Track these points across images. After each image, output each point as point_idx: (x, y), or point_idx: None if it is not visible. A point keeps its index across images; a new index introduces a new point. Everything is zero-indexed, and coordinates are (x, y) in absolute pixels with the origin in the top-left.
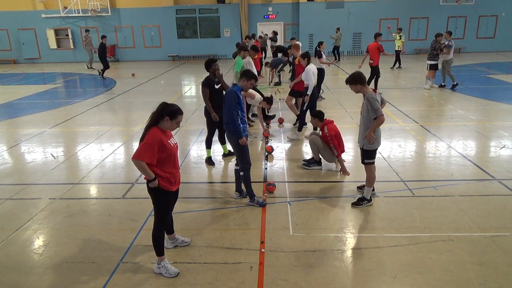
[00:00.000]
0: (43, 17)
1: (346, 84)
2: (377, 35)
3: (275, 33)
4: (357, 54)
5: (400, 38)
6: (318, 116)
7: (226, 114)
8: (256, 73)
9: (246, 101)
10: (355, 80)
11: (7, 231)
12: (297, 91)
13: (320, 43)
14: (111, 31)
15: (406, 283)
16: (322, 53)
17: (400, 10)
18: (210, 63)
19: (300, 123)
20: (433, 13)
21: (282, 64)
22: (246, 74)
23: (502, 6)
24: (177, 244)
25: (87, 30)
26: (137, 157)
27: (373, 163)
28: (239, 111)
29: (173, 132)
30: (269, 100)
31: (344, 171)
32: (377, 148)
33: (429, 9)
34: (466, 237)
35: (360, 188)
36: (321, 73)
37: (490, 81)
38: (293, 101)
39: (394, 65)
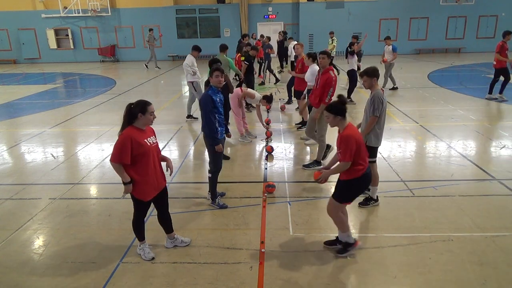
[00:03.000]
0: (43, 17)
1: (361, 77)
2: (506, 34)
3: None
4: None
5: (332, 42)
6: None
7: (203, 119)
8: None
9: (245, 100)
10: (374, 74)
11: (7, 231)
12: (300, 92)
13: (352, 44)
14: (111, 31)
15: (406, 283)
16: (355, 53)
17: (400, 10)
18: (212, 64)
19: None
20: (433, 13)
21: (267, 61)
22: (211, 70)
23: (502, 6)
24: (176, 244)
25: (150, 29)
26: (112, 160)
27: (375, 161)
28: (216, 115)
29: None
30: (268, 99)
31: None
32: (378, 146)
33: (429, 9)
34: (466, 237)
35: None
36: (352, 75)
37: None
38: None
39: None
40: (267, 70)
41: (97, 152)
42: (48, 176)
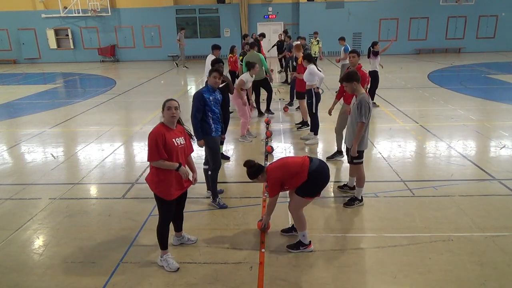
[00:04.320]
0: (43, 17)
1: (341, 82)
2: None
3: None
4: None
5: (318, 43)
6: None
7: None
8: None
9: (247, 91)
10: (352, 78)
11: (7, 231)
12: (300, 93)
13: (375, 43)
14: (111, 31)
15: (406, 283)
16: (379, 54)
17: (400, 10)
18: (214, 63)
19: (315, 126)
20: (433, 13)
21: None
22: (210, 70)
23: (502, 6)
24: (183, 242)
25: (182, 28)
26: (150, 159)
27: (362, 163)
28: (209, 112)
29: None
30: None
31: None
32: (364, 150)
33: (429, 9)
34: (466, 237)
35: (341, 187)
36: (375, 76)
37: (490, 81)
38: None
39: None
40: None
41: (97, 152)
42: (48, 176)
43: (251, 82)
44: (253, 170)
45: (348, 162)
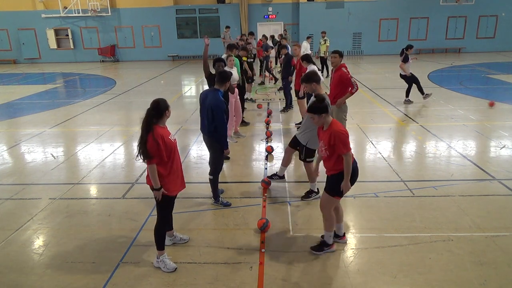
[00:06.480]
0: (43, 17)
1: (302, 83)
2: None
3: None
4: (356, 54)
5: (325, 43)
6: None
7: (216, 121)
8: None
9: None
10: (310, 79)
11: (7, 231)
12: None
13: (410, 47)
14: (111, 31)
15: (406, 283)
16: (410, 58)
17: (400, 10)
18: (214, 62)
19: None
20: (433, 13)
21: (265, 61)
22: (218, 80)
23: (502, 6)
24: (175, 241)
25: (227, 27)
26: (148, 162)
27: (312, 161)
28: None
29: (172, 132)
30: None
31: None
32: (316, 148)
33: (429, 9)
34: (466, 237)
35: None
36: (406, 78)
37: (490, 81)
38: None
39: (322, 72)
40: (266, 70)
41: (97, 152)
42: (48, 176)
43: (234, 78)
44: (322, 105)
45: (300, 159)
